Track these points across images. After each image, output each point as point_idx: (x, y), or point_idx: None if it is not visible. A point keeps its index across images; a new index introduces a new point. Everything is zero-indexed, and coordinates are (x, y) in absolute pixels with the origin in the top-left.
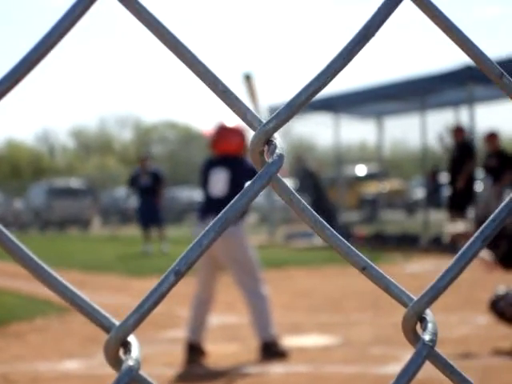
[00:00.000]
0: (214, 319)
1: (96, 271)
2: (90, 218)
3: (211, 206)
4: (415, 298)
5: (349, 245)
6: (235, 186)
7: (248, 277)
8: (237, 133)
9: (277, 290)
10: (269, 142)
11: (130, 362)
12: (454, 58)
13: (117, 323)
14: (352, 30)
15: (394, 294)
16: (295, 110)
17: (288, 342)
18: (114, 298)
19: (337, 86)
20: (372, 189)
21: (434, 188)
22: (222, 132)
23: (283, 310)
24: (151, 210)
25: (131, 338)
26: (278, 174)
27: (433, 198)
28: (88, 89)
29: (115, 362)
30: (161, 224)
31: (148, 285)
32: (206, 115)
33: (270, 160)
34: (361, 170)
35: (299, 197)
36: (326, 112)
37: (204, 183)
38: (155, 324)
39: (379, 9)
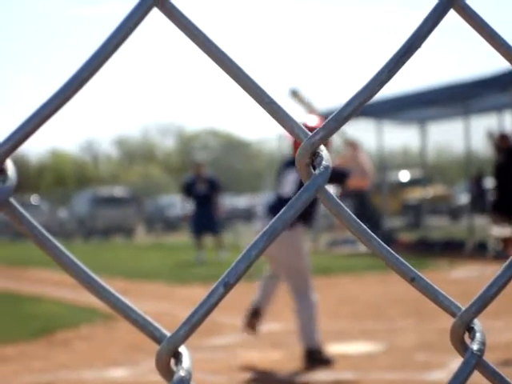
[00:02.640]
0: (261, 326)
1: (140, 279)
2: (133, 226)
3: (275, 205)
4: (463, 308)
5: (397, 256)
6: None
7: (299, 282)
8: None
9: (321, 297)
10: (315, 153)
11: (182, 373)
12: (497, 63)
13: (168, 334)
14: (388, 37)
15: (443, 304)
16: (342, 122)
17: (332, 349)
18: (158, 305)
19: (379, 92)
20: (416, 194)
21: (478, 193)
22: None
23: (327, 316)
24: (207, 218)
25: (182, 349)
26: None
27: (477, 204)
28: (131, 99)
29: (167, 372)
30: (217, 232)
31: (191, 293)
32: (248, 123)
33: (317, 172)
34: (404, 176)
35: (346, 208)
36: (369, 118)
37: (276, 182)
38: (198, 331)
39: (425, 19)
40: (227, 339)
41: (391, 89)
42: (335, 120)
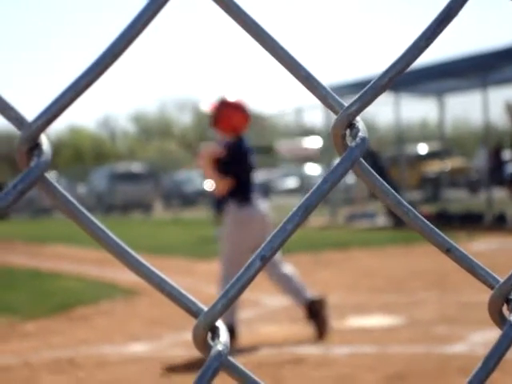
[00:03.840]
0: (278, 301)
1: (161, 254)
2: (151, 201)
3: (253, 192)
4: (501, 280)
5: (432, 226)
6: None
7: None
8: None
9: (340, 271)
10: (351, 125)
11: (219, 347)
12: None
13: (205, 308)
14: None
15: (480, 276)
16: (378, 92)
17: (351, 322)
18: (181, 281)
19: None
20: (434, 167)
21: (497, 165)
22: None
23: (346, 290)
24: None
25: (219, 323)
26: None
27: (496, 176)
28: (148, 74)
29: (204, 347)
30: None
31: (213, 268)
32: (263, 97)
33: (353, 144)
34: (422, 149)
35: (382, 180)
36: (387, 91)
37: (250, 166)
38: None
39: None
40: (246, 314)
41: None
42: (372, 90)
